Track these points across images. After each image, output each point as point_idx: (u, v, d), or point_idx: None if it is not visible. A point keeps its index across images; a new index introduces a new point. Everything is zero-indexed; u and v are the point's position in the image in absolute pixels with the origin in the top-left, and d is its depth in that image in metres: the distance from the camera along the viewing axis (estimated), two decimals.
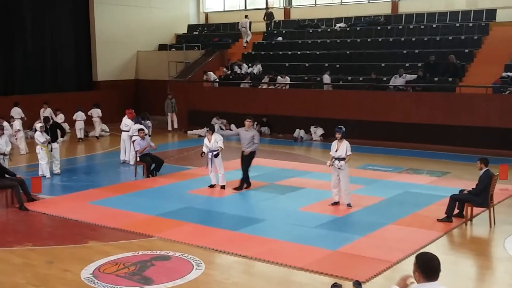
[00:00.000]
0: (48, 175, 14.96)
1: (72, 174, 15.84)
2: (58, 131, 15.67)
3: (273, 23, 27.93)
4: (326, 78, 21.83)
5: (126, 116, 17.31)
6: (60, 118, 21.70)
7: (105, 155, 19.32)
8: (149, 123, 17.71)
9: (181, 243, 9.78)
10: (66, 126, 21.19)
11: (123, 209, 11.90)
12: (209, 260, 9.01)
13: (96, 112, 22.57)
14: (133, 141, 15.86)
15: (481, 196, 10.56)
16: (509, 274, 8.58)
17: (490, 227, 10.50)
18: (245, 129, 13.63)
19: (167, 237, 10.11)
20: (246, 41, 27.66)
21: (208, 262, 8.86)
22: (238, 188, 13.42)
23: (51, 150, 15.20)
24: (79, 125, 21.92)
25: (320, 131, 21.03)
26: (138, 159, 15.38)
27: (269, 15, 27.87)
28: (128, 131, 16.90)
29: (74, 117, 22.05)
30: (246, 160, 13.49)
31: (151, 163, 15.20)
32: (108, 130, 23.31)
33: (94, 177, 15.91)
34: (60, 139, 15.84)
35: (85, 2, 27.15)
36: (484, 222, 10.61)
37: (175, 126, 24.44)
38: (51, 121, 16.40)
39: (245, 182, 13.57)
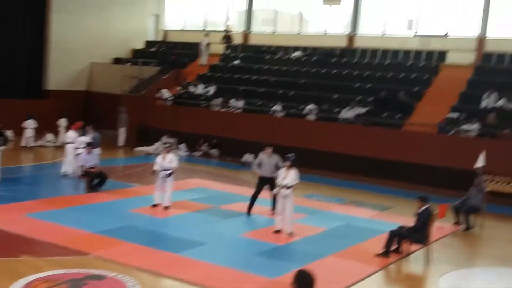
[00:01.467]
0: None
1: (12, 183, 15.35)
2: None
3: (231, 46, 28.04)
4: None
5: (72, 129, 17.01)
6: None
7: (48, 166, 18.84)
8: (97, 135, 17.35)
9: (117, 263, 9.57)
10: (9, 133, 20.47)
11: (61, 224, 11.59)
12: (145, 282, 8.84)
13: (29, 124, 21.92)
14: (78, 154, 15.55)
15: (419, 232, 10.78)
16: None
17: (426, 264, 10.70)
18: (266, 156, 13.52)
19: (103, 255, 9.88)
20: (204, 59, 27.75)
21: (144, 284, 8.69)
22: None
23: None
24: (28, 133, 21.32)
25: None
26: (81, 172, 15.07)
27: (227, 38, 28.03)
28: (72, 142, 16.58)
29: (23, 125, 21.46)
30: (272, 185, 13.12)
31: (94, 178, 14.91)
32: (55, 140, 22.77)
33: (34, 188, 15.50)
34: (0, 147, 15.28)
35: (42, 8, 26.63)
36: (420, 259, 10.81)
37: (120, 142, 24.03)
38: None
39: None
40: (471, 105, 19.90)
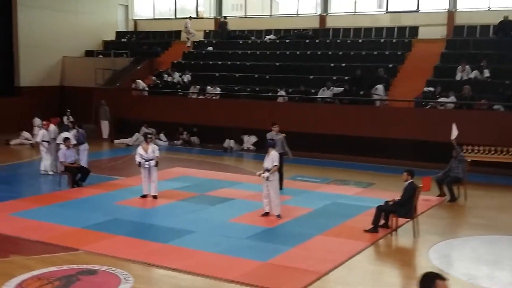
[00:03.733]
0: None
1: None
2: None
3: (226, 33, 27.61)
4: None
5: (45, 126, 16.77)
6: None
7: (27, 164, 18.58)
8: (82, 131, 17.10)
9: (108, 256, 9.51)
10: None
11: (47, 221, 11.46)
12: (138, 273, 8.81)
13: None
14: (58, 151, 15.36)
15: (405, 206, 10.91)
16: None
17: (414, 237, 10.85)
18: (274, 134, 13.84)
19: (93, 250, 9.81)
20: (191, 41, 27.59)
21: (136, 276, 8.66)
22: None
23: None
24: None
25: (253, 138, 21.06)
26: (63, 168, 14.89)
27: (222, 24, 27.64)
28: (47, 141, 16.38)
29: None
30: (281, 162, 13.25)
31: (76, 173, 14.75)
32: (30, 138, 22.43)
33: (15, 187, 15.27)
34: None
35: (8, 5, 26.09)
36: (408, 232, 10.95)
37: (105, 135, 23.79)
38: None
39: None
40: (446, 78, 20.11)
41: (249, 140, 21.24)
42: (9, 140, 21.92)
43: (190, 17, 28.24)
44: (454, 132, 14.40)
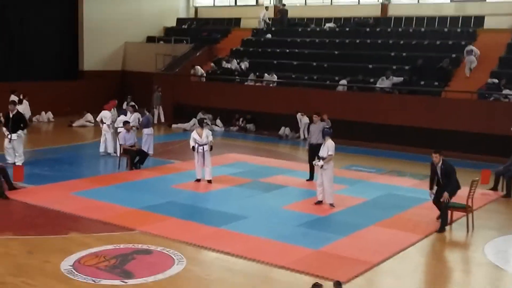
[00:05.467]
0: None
1: (54, 163, 15.68)
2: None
3: (285, 20, 27.49)
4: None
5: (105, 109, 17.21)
6: (21, 107, 19.18)
7: (87, 145, 19.17)
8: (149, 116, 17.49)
9: (163, 237, 9.75)
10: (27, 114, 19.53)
11: (106, 201, 11.82)
12: (191, 255, 9.00)
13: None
14: (119, 134, 15.79)
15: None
16: (488, 279, 8.67)
17: (468, 232, 10.60)
18: (314, 124, 13.99)
19: (149, 231, 10.07)
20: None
21: (189, 258, 8.85)
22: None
23: (10, 142, 14.68)
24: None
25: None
26: (122, 151, 15.31)
27: (282, 12, 27.61)
28: (106, 123, 16.83)
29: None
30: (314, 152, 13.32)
31: (135, 156, 15.12)
32: (92, 120, 23.11)
33: (76, 167, 15.79)
34: (20, 132, 14.74)
35: None
36: (464, 226, 10.71)
37: (162, 119, 24.31)
38: (15, 111, 14.89)
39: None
40: (511, 70, 19.42)
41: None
42: (72, 121, 22.65)
43: (267, 7, 28.26)
44: None
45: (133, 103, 17.86)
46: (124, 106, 18.78)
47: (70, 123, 22.60)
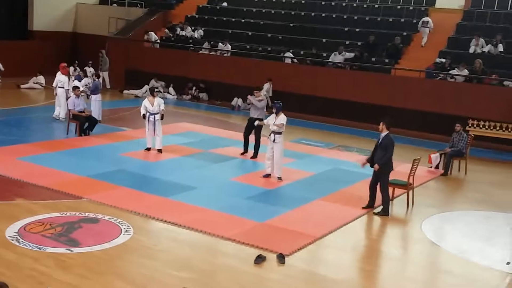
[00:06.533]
0: None
1: (1, 126, 15.35)
2: None
3: None
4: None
5: (59, 71, 16.84)
6: None
7: (38, 109, 18.79)
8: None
9: (110, 206, 9.80)
10: None
11: (53, 168, 11.73)
12: (138, 225, 9.09)
13: None
14: (68, 98, 15.56)
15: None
16: (423, 255, 9.11)
17: (407, 208, 11.04)
18: (256, 98, 13.74)
19: (96, 199, 10.08)
20: None
21: (136, 228, 8.94)
22: (254, 156, 13.77)
23: None
24: None
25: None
26: (71, 116, 15.11)
27: None
28: (63, 87, 16.55)
29: None
30: (257, 128, 13.53)
31: (84, 122, 14.96)
32: (43, 82, 22.61)
33: (24, 131, 15.53)
34: None
35: None
36: (404, 203, 11.14)
37: (107, 85, 23.88)
38: None
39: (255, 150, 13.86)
40: (459, 50, 19.97)
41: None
42: (20, 84, 22.09)
43: None
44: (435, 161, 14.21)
45: (91, 70, 17.52)
46: (71, 72, 18.28)
47: (18, 85, 22.01)
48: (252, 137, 13.87)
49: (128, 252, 8.12)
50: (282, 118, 12.05)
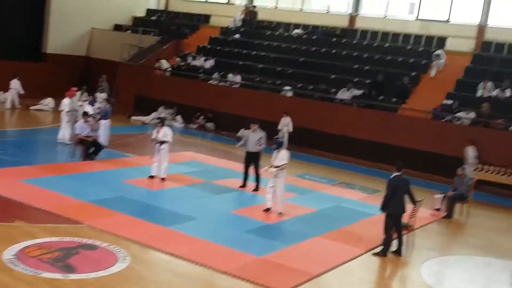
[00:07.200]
0: None
1: (8, 147, 15.47)
2: None
3: (255, 22, 27.56)
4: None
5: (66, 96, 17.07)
6: None
7: (45, 131, 18.93)
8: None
9: (109, 233, 9.80)
10: None
11: (55, 191, 11.77)
12: (135, 254, 9.07)
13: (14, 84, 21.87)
14: (75, 123, 15.70)
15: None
16: None
17: (408, 250, 10.95)
18: (251, 131, 13.95)
19: (96, 225, 10.09)
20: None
21: (134, 256, 8.93)
22: (255, 189, 13.79)
23: None
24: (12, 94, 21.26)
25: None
26: (77, 141, 15.20)
27: (252, 13, 27.73)
28: (69, 110, 16.72)
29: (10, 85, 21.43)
30: (256, 161, 13.70)
31: (90, 146, 15.04)
32: (52, 105, 22.80)
33: (30, 153, 15.63)
34: None
35: None
36: (404, 244, 11.05)
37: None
38: None
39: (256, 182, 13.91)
40: (467, 93, 20.05)
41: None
42: (29, 105, 22.31)
43: (249, 8, 28.17)
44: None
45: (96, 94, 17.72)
46: (78, 96, 18.20)
47: (27, 106, 22.24)
48: (252, 170, 13.91)
49: (122, 281, 8.09)
50: (284, 156, 12.06)
